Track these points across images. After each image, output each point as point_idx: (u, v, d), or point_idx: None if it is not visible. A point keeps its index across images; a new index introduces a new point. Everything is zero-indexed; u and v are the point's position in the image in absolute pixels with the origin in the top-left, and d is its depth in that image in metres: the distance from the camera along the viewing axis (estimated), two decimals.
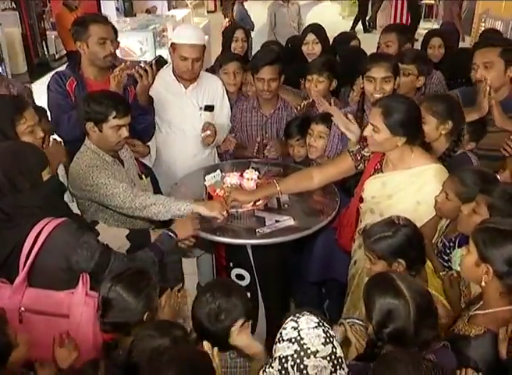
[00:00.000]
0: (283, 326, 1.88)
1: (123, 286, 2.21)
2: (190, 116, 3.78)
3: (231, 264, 3.26)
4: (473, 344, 2.06)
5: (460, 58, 4.25)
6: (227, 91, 3.99)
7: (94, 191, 2.89)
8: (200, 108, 3.78)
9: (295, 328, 1.84)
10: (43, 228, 2.37)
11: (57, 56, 5.68)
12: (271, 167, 3.64)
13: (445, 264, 2.69)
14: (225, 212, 2.99)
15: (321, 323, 1.84)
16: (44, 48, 5.58)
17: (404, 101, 2.77)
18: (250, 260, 3.20)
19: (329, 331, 1.84)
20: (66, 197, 2.84)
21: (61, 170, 3.31)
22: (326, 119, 3.52)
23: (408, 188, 2.79)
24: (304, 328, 1.82)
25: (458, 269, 2.39)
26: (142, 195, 2.90)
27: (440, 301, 2.44)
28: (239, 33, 4.81)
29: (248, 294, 3.01)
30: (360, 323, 2.34)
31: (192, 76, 3.68)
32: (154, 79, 3.49)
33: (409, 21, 11.94)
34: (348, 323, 2.34)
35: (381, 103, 2.75)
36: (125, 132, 2.94)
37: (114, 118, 2.88)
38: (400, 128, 2.69)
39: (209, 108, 3.80)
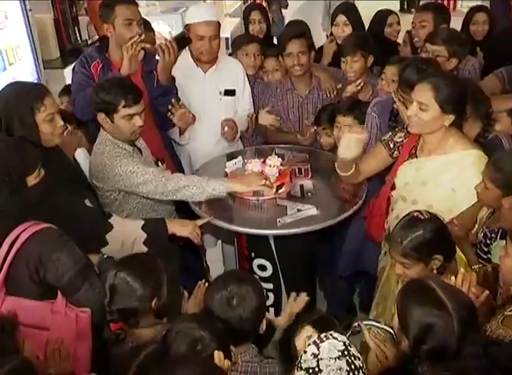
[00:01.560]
0: (305, 348, 1.76)
1: (128, 272, 2.15)
2: (210, 101, 3.70)
3: (253, 254, 3.22)
4: (507, 349, 1.90)
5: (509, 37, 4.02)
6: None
7: (124, 181, 2.85)
8: (221, 92, 3.69)
9: (315, 356, 1.72)
10: (21, 233, 2.20)
11: (89, 41, 5.62)
12: (296, 153, 3.55)
13: (483, 256, 2.56)
14: (267, 182, 2.93)
15: (345, 352, 1.71)
16: (77, 34, 5.53)
17: (451, 76, 2.65)
18: (273, 250, 3.15)
19: (354, 362, 1.71)
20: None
21: (83, 154, 3.27)
22: (354, 109, 3.39)
23: (444, 175, 2.69)
24: (325, 358, 1.70)
25: (498, 261, 2.25)
26: (174, 178, 2.87)
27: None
28: (255, 15, 4.62)
29: (271, 285, 3.12)
30: (379, 325, 2.16)
31: (211, 57, 3.59)
32: (176, 57, 3.37)
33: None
34: (366, 326, 2.15)
35: (429, 79, 2.62)
36: (138, 121, 2.85)
37: (124, 107, 2.80)
38: (450, 105, 2.58)
39: (230, 92, 3.72)
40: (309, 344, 1.75)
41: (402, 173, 2.82)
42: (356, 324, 2.18)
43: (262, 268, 3.22)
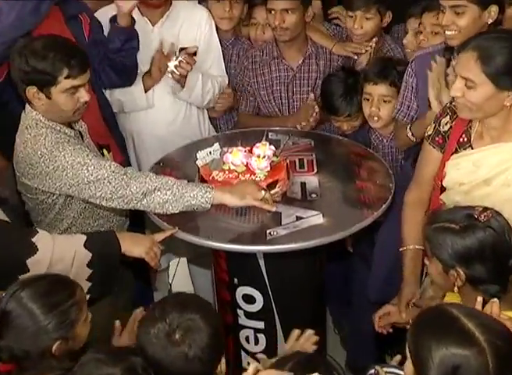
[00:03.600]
0: None
1: (31, 294, 1.90)
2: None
3: (235, 280, 2.75)
4: None
5: None
6: (217, 29, 3.29)
7: (70, 177, 2.45)
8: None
9: None
10: None
11: None
12: (295, 138, 3.05)
13: None
14: (266, 194, 2.51)
15: None
16: None
17: (507, 36, 2.26)
18: (263, 275, 2.70)
19: None
20: None
21: None
22: (388, 72, 2.94)
23: None
24: None
25: None
26: (140, 177, 2.45)
27: None
28: None
29: (262, 324, 2.76)
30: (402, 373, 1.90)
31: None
32: None
33: None
34: (386, 373, 1.98)
35: (474, 44, 2.26)
36: (84, 94, 2.48)
37: (67, 78, 2.42)
38: (509, 77, 2.21)
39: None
40: None
41: (453, 170, 2.44)
42: (372, 371, 2.00)
43: (249, 299, 2.75)
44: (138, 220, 2.87)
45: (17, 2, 2.71)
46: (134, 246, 2.44)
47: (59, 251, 2.30)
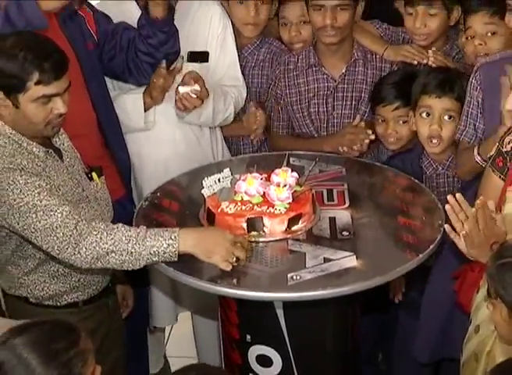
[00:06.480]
0: None
1: (27, 341, 1.74)
2: None
3: (248, 337, 2.46)
4: None
5: None
6: (236, 34, 3.02)
7: (15, 221, 2.21)
8: (182, 57, 2.85)
9: None
10: None
11: None
12: (323, 164, 2.82)
13: None
14: (240, 254, 2.23)
15: None
16: None
17: None
18: (282, 330, 2.40)
19: None
20: None
21: None
22: (453, 83, 2.71)
23: None
24: None
25: None
26: (90, 234, 2.20)
27: None
28: None
29: None
30: None
31: None
32: None
33: None
34: None
35: None
36: (60, 105, 2.23)
37: (37, 84, 2.19)
38: None
39: (199, 56, 2.90)
40: None
41: None
42: None
43: (265, 361, 2.46)
44: None
45: None
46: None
47: None
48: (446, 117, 2.71)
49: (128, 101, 2.86)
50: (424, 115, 2.76)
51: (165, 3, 2.70)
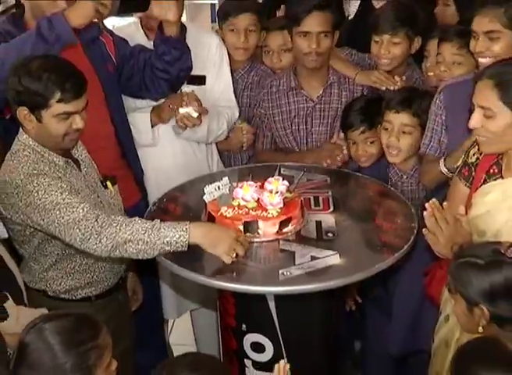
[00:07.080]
0: None
1: (54, 327, 1.83)
2: None
3: (243, 326, 2.61)
4: None
5: None
6: (230, 58, 3.19)
7: (40, 216, 2.32)
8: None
9: None
10: None
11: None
12: (310, 174, 2.96)
13: None
14: (240, 250, 2.37)
15: None
16: None
17: None
18: (274, 320, 2.56)
19: None
20: None
21: None
22: (412, 101, 2.83)
23: None
24: None
25: None
26: (110, 226, 2.32)
27: None
28: None
29: None
30: None
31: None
32: None
33: None
34: None
35: (489, 72, 2.23)
36: (78, 121, 2.36)
37: (58, 102, 2.32)
38: None
39: (197, 80, 3.01)
40: None
41: (481, 197, 2.36)
42: None
43: (258, 348, 2.60)
44: None
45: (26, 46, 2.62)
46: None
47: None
48: (404, 130, 2.83)
49: (138, 120, 2.99)
50: (385, 127, 2.89)
51: (178, 23, 2.79)
